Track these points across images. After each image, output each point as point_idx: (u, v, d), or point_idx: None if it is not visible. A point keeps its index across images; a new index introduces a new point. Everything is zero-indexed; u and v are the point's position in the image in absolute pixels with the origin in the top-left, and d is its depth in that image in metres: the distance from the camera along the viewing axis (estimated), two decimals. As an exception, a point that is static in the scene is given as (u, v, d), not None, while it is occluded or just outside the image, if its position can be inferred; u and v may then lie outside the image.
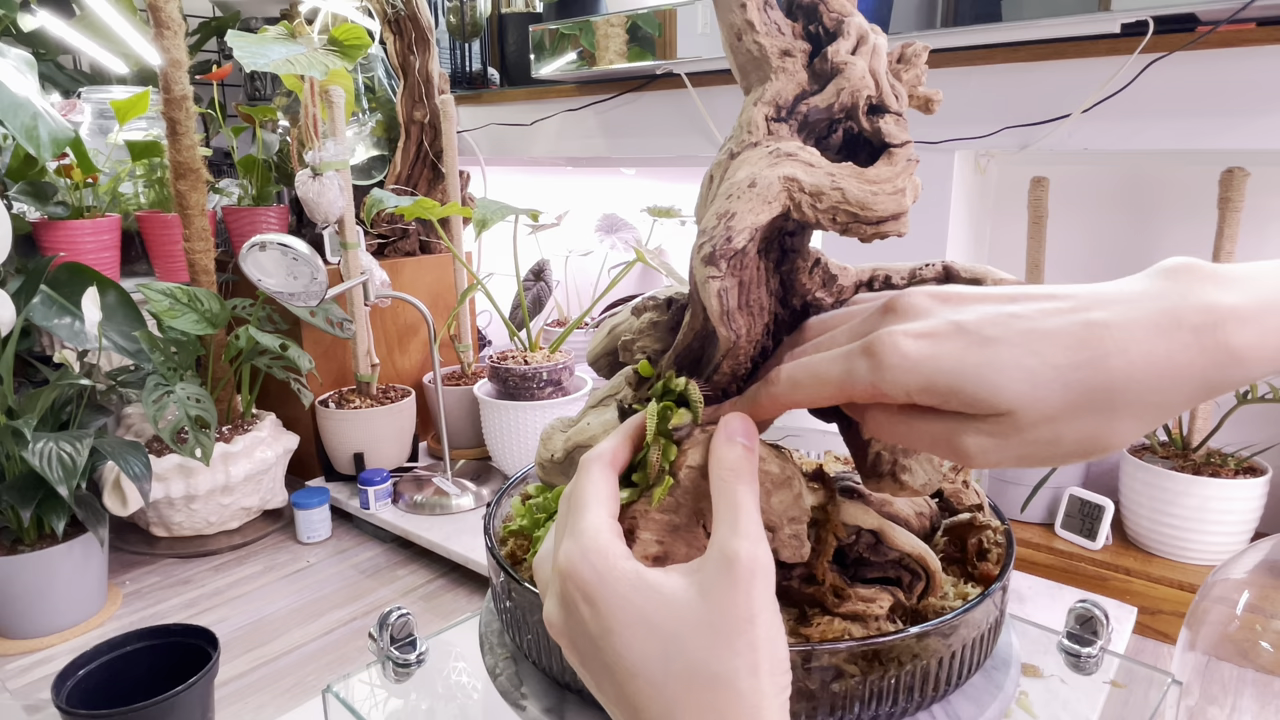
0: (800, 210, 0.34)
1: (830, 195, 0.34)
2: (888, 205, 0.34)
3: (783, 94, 0.36)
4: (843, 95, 0.35)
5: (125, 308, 1.39)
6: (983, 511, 0.46)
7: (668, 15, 1.37)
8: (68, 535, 1.18)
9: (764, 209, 0.33)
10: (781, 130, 0.36)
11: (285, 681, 1.09)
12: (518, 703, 0.42)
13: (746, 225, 0.33)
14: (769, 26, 0.36)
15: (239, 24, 2.13)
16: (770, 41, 0.36)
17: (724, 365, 0.37)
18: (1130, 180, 1.30)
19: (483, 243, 1.89)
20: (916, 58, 0.39)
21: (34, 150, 1.26)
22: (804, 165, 0.34)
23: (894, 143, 0.35)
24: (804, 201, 0.34)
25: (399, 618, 0.57)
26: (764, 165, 0.34)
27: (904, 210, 0.34)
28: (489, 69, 2.05)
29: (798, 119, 0.36)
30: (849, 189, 0.34)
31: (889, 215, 0.34)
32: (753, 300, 0.36)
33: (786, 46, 0.36)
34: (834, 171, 0.34)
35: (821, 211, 0.34)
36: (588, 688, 0.32)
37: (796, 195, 0.34)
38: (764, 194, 0.33)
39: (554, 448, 0.46)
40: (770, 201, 0.33)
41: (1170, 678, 0.53)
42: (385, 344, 1.74)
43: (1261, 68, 0.97)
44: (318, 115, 1.52)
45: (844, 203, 0.34)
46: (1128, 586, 1.13)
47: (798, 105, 0.36)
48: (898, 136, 0.35)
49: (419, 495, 1.48)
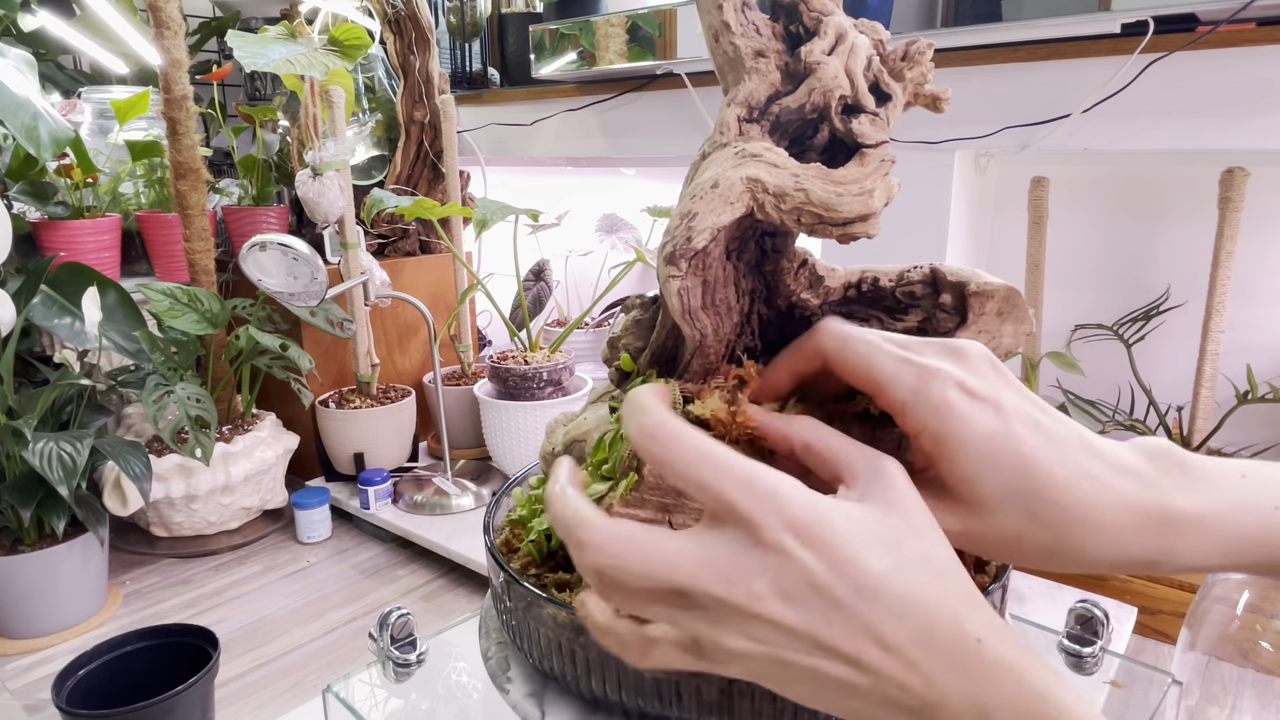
0: (764, 211, 0.34)
1: (794, 196, 0.33)
2: (853, 206, 0.34)
3: (755, 95, 0.36)
4: (814, 95, 0.35)
5: (125, 308, 1.39)
6: None
7: (668, 15, 1.37)
8: (68, 535, 1.18)
9: (726, 210, 0.33)
10: (752, 131, 0.36)
11: (285, 681, 1.09)
12: (503, 686, 0.43)
13: (708, 225, 0.33)
14: (745, 27, 0.36)
15: (239, 24, 2.13)
16: (745, 42, 0.36)
17: (693, 363, 0.37)
18: (1130, 180, 1.30)
19: (483, 243, 1.89)
20: (921, 55, 0.39)
21: (34, 150, 1.26)
22: (768, 166, 0.34)
23: (867, 143, 0.35)
24: (767, 202, 0.34)
25: (399, 618, 0.57)
26: (728, 166, 0.34)
27: (871, 211, 0.34)
28: (489, 69, 2.05)
29: (770, 119, 0.36)
30: (813, 190, 0.33)
31: (854, 216, 0.34)
32: (719, 300, 0.36)
33: (760, 47, 0.36)
34: (799, 172, 0.34)
35: (785, 212, 0.34)
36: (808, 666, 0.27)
37: (760, 196, 0.34)
38: (726, 195, 0.33)
39: (555, 441, 0.47)
40: (733, 202, 0.33)
41: (1170, 678, 0.53)
42: (385, 344, 1.74)
43: (1261, 68, 0.97)
44: (318, 115, 1.52)
45: (808, 204, 0.33)
46: (1128, 586, 1.13)
47: (770, 106, 0.36)
48: (871, 137, 0.35)
49: (419, 495, 1.48)
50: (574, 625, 0.37)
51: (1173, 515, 0.31)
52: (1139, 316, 1.26)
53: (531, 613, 0.40)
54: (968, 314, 0.37)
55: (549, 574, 0.42)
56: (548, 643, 0.39)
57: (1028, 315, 0.37)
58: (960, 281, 0.37)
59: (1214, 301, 1.14)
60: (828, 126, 0.37)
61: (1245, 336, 1.22)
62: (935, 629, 0.27)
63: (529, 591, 0.39)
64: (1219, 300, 1.13)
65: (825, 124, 0.37)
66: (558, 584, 0.41)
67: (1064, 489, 0.30)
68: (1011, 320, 0.37)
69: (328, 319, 1.47)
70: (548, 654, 0.40)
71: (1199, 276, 1.18)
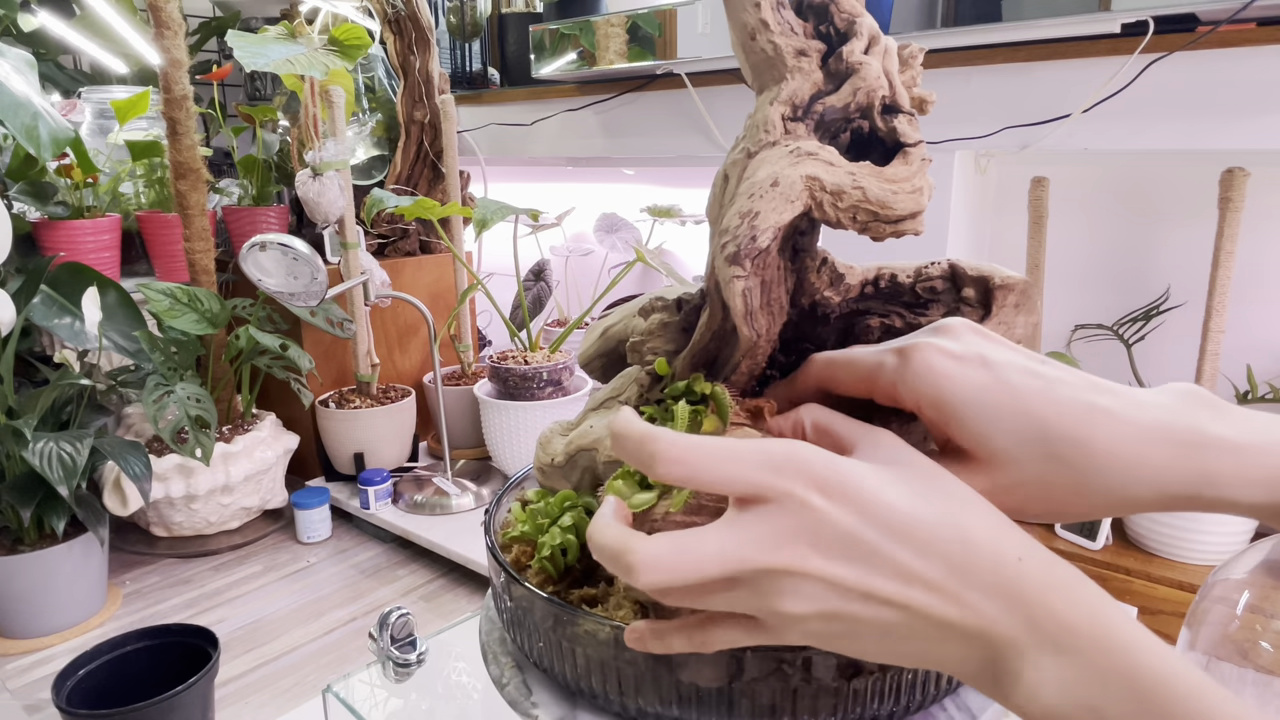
0: (821, 209, 0.34)
1: (851, 194, 0.34)
2: (906, 204, 0.34)
3: (799, 93, 0.36)
4: (859, 95, 0.35)
5: (125, 308, 1.39)
6: None
7: (668, 15, 1.37)
8: (68, 535, 1.18)
9: (787, 208, 0.34)
10: (798, 130, 0.36)
11: (285, 681, 1.09)
12: (528, 713, 0.41)
13: (770, 224, 0.33)
14: (783, 26, 0.36)
15: (239, 24, 2.13)
16: (785, 41, 0.36)
17: (743, 365, 0.37)
18: (1130, 180, 1.30)
19: (483, 243, 1.89)
20: (913, 59, 0.39)
21: (34, 150, 1.26)
22: (825, 164, 0.34)
23: (908, 142, 0.35)
24: (825, 200, 0.34)
25: (399, 618, 0.57)
26: (785, 164, 0.34)
27: (921, 209, 0.35)
28: (489, 69, 2.05)
29: (814, 118, 0.36)
30: (870, 188, 0.34)
31: (907, 214, 0.34)
32: (773, 299, 0.36)
33: (801, 46, 0.36)
34: (854, 171, 0.34)
35: (842, 210, 0.34)
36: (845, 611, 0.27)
37: (818, 194, 0.34)
38: (787, 193, 0.34)
39: (554, 451, 0.46)
40: (793, 200, 0.34)
41: (1170, 678, 0.53)
42: (385, 344, 1.74)
43: (1261, 68, 0.97)
44: (318, 115, 1.52)
45: (865, 201, 0.34)
46: (1128, 586, 1.13)
47: (813, 105, 0.36)
48: (912, 136, 0.35)
49: (419, 495, 1.48)
50: (616, 640, 0.36)
51: (1208, 439, 0.29)
52: (1139, 316, 1.26)
53: (564, 631, 0.39)
54: (991, 306, 0.37)
55: (572, 590, 0.41)
56: (585, 661, 0.38)
57: (1037, 306, 0.38)
58: (984, 275, 0.38)
59: (1214, 301, 1.14)
60: (851, 127, 0.37)
61: (1245, 336, 1.22)
62: (973, 555, 0.27)
63: (562, 609, 0.39)
64: (1219, 300, 1.13)
65: (851, 124, 0.37)
66: (585, 600, 0.40)
67: (1077, 425, 0.29)
68: (1024, 311, 0.38)
69: (328, 319, 1.47)
70: (584, 674, 0.39)
71: (1199, 276, 1.18)
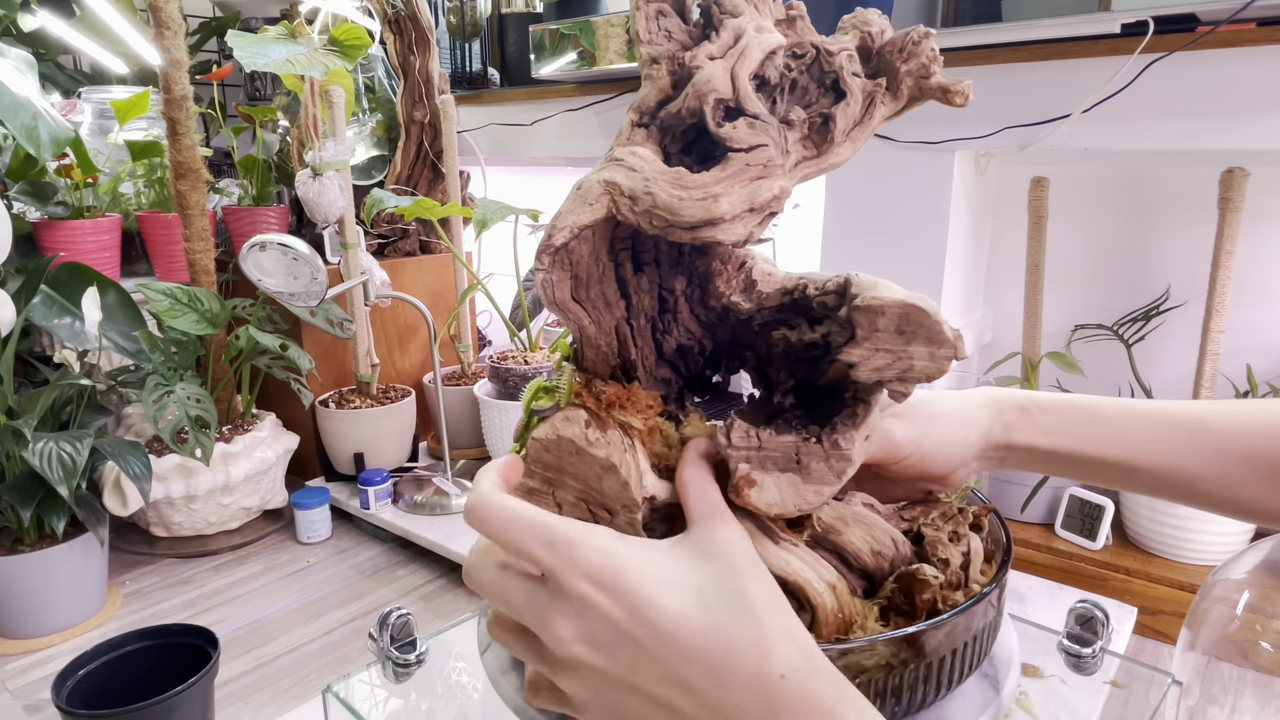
0: (621, 213, 0.35)
1: (644, 199, 0.34)
2: (694, 211, 0.34)
3: (646, 100, 0.37)
4: (688, 100, 0.36)
5: (125, 308, 1.39)
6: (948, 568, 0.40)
7: (668, 15, 1.37)
8: (68, 535, 1.18)
9: (586, 210, 0.35)
10: (638, 135, 0.37)
11: (285, 681, 1.09)
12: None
13: (568, 225, 0.35)
14: (653, 35, 0.37)
15: (239, 24, 2.13)
16: (646, 50, 0.38)
17: (586, 353, 0.39)
18: (1130, 180, 1.30)
19: (483, 243, 1.89)
20: (916, 46, 0.38)
21: (34, 150, 1.26)
22: (626, 170, 0.35)
23: (735, 147, 0.35)
24: (624, 204, 0.35)
25: (399, 618, 0.57)
26: (595, 170, 0.36)
27: (715, 217, 0.34)
28: (489, 69, 2.05)
29: (658, 124, 0.37)
30: (659, 194, 0.34)
31: (698, 221, 0.34)
32: (594, 294, 0.38)
33: (657, 54, 0.37)
34: (651, 176, 0.35)
35: (639, 214, 0.35)
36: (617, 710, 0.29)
37: (618, 198, 0.35)
38: (585, 196, 0.35)
39: None
40: (591, 204, 0.35)
41: (1170, 678, 0.53)
42: (385, 344, 1.74)
43: (1261, 68, 0.97)
44: (318, 115, 1.52)
45: (655, 207, 0.34)
46: (1128, 586, 1.13)
47: (659, 111, 0.37)
48: (741, 141, 0.35)
49: (419, 495, 1.48)
50: None
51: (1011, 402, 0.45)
52: (1139, 317, 1.26)
53: None
54: (856, 331, 0.35)
55: None
56: None
57: (943, 336, 0.34)
58: (851, 294, 0.35)
59: (1214, 302, 1.14)
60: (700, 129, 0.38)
61: (1245, 336, 1.22)
62: (737, 666, 0.27)
63: None
64: (1219, 300, 1.13)
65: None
66: None
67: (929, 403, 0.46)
68: (921, 341, 0.34)
69: (328, 319, 1.47)
70: None
71: (1199, 277, 1.18)
